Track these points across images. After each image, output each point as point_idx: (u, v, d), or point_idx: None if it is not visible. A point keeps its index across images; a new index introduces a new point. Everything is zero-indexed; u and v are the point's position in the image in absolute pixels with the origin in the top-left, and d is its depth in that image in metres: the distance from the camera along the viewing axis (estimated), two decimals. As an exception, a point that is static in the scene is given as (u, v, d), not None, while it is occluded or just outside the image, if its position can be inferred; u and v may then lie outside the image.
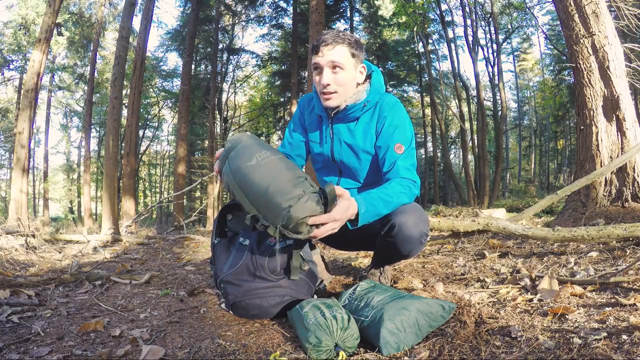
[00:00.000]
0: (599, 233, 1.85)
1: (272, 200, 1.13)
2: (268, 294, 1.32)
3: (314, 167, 1.74)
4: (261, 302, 1.32)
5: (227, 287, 1.37)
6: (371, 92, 1.50)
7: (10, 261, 2.29)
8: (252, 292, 1.32)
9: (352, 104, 1.48)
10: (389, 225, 1.37)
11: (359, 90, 1.50)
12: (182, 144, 11.47)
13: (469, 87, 17.28)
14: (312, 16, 7.36)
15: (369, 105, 1.50)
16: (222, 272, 1.41)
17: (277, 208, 1.12)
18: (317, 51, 1.41)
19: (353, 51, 1.42)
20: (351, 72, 1.44)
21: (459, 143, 22.22)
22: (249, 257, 1.36)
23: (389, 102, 1.50)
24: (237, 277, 1.36)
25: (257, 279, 1.33)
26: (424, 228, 1.38)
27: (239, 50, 16.54)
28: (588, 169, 3.17)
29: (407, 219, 1.35)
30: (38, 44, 6.78)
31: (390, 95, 1.54)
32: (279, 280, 1.34)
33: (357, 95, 1.49)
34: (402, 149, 1.44)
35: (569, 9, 3.25)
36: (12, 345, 1.08)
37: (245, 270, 1.35)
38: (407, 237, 1.35)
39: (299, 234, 1.12)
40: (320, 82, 1.43)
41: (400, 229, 1.34)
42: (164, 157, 26.78)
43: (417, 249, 1.41)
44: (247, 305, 1.33)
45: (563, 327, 1.04)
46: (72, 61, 16.22)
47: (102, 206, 9.42)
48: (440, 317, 1.15)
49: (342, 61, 1.40)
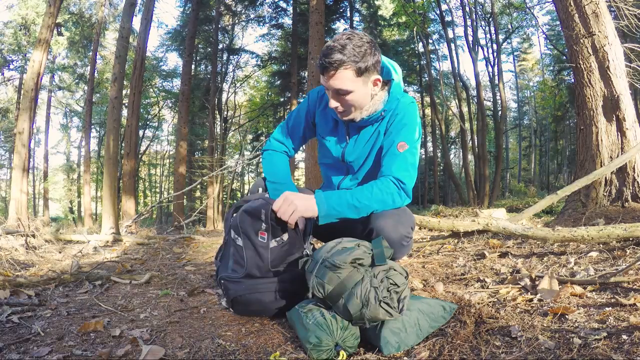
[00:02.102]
0: (599, 233, 1.85)
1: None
2: (268, 289, 1.33)
3: (322, 160, 1.70)
4: (261, 297, 1.33)
5: (227, 284, 1.38)
6: (389, 102, 1.44)
7: (10, 261, 2.28)
8: (252, 287, 1.33)
9: (368, 116, 1.44)
10: (368, 229, 1.36)
11: (375, 102, 1.42)
12: (183, 144, 11.48)
13: (469, 87, 17.28)
14: (312, 16, 7.36)
15: (386, 114, 1.46)
16: (225, 269, 1.43)
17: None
18: (321, 72, 1.35)
19: (360, 66, 1.29)
20: (360, 90, 1.35)
21: (459, 143, 22.23)
22: (249, 254, 1.36)
23: (404, 102, 1.46)
24: (238, 274, 1.36)
25: (257, 277, 1.34)
26: (404, 231, 1.35)
27: (239, 50, 16.56)
28: (588, 169, 3.17)
29: (385, 223, 1.33)
30: (38, 44, 6.79)
31: (407, 96, 1.49)
32: (278, 276, 1.35)
33: (373, 107, 1.43)
34: (405, 147, 1.41)
35: (569, 9, 3.26)
36: (12, 345, 1.08)
37: (245, 267, 1.35)
38: (387, 241, 1.30)
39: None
40: (330, 102, 1.40)
41: (379, 234, 1.32)
42: (164, 157, 26.79)
43: (400, 250, 1.39)
44: (247, 300, 1.34)
45: (563, 327, 1.04)
46: (72, 61, 16.22)
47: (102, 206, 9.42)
48: (441, 318, 1.15)
49: (346, 87, 1.32)
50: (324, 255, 1.18)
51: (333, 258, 1.14)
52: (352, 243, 1.20)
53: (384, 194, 1.35)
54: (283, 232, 1.36)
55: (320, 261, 1.17)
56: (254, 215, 1.35)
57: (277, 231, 1.35)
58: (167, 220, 18.19)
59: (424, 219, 2.33)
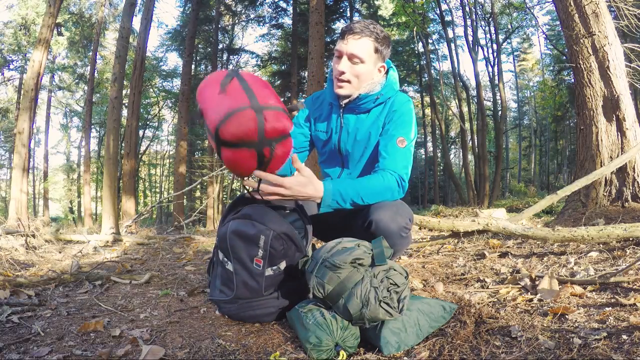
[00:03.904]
0: (599, 233, 1.85)
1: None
2: (262, 306, 1.29)
3: (319, 159, 1.73)
4: (254, 313, 1.29)
5: (219, 304, 1.36)
6: (385, 87, 1.49)
7: (10, 261, 2.28)
8: (245, 306, 1.29)
9: (365, 94, 1.48)
10: (367, 222, 1.37)
11: (374, 82, 1.48)
12: (183, 144, 11.48)
13: (469, 87, 17.28)
14: (312, 16, 7.36)
15: (382, 99, 1.49)
16: (213, 289, 1.39)
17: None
18: (342, 37, 1.40)
19: (378, 46, 1.41)
20: (370, 66, 1.43)
21: (459, 143, 22.22)
22: (240, 281, 1.28)
23: (401, 99, 1.50)
24: (227, 296, 1.31)
25: (249, 297, 1.28)
26: (402, 222, 1.36)
27: (239, 50, 16.55)
28: (588, 169, 3.16)
29: (383, 215, 1.34)
30: (38, 44, 6.78)
31: (403, 94, 1.53)
32: (271, 294, 1.30)
33: (370, 87, 1.48)
34: (404, 144, 1.44)
35: (569, 9, 3.25)
36: (12, 345, 1.08)
37: (234, 290, 1.29)
38: (386, 232, 1.33)
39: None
40: (337, 67, 1.43)
41: (377, 225, 1.34)
42: (164, 157, 26.79)
43: (400, 243, 1.39)
44: (241, 317, 1.31)
45: (563, 327, 1.04)
46: (72, 61, 16.22)
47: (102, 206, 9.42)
48: (441, 318, 1.15)
49: (363, 55, 1.40)
50: (324, 255, 1.18)
51: (333, 258, 1.14)
52: (352, 243, 1.20)
53: (386, 191, 1.38)
54: (279, 262, 1.27)
55: (320, 261, 1.17)
56: (250, 241, 1.25)
57: (274, 259, 1.26)
58: (167, 220, 18.19)
59: (424, 219, 2.33)
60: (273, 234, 1.24)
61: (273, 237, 1.24)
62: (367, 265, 1.14)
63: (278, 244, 1.25)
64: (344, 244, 1.20)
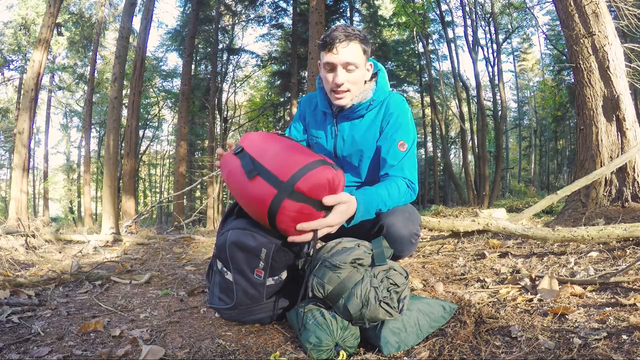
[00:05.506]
0: (599, 233, 1.85)
1: None
2: (262, 310, 1.29)
3: None
4: (255, 317, 1.29)
5: (219, 310, 1.36)
6: (377, 91, 1.49)
7: (10, 261, 2.28)
8: (245, 312, 1.29)
9: (358, 103, 1.47)
10: (378, 226, 1.36)
11: (365, 88, 1.48)
12: (183, 144, 11.47)
13: (469, 87, 17.26)
14: (312, 16, 7.36)
15: (375, 104, 1.48)
16: (211, 296, 1.38)
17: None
18: (330, 48, 1.36)
19: (365, 47, 1.40)
20: (362, 69, 1.42)
21: (459, 143, 22.21)
22: (241, 290, 1.26)
23: (396, 101, 1.49)
24: (226, 304, 1.30)
25: (249, 304, 1.28)
26: (413, 228, 1.36)
27: (239, 50, 16.53)
28: (588, 169, 3.17)
29: (396, 220, 1.33)
30: (38, 44, 6.78)
31: (397, 94, 1.52)
32: (271, 297, 1.29)
33: (363, 94, 1.47)
34: (405, 147, 1.43)
35: (569, 9, 3.26)
36: (12, 345, 1.08)
37: (234, 299, 1.28)
38: (397, 237, 1.32)
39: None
40: (334, 80, 1.39)
41: (389, 230, 1.33)
42: (164, 157, 26.78)
43: (408, 249, 1.39)
44: (242, 321, 1.31)
45: (563, 327, 1.04)
46: (72, 61, 16.21)
47: (102, 206, 9.42)
48: (441, 318, 1.15)
49: (356, 60, 1.38)
50: (324, 256, 1.17)
51: (333, 258, 1.14)
52: (352, 243, 1.20)
53: (402, 197, 1.38)
54: (281, 272, 1.27)
55: (320, 261, 1.17)
56: (251, 253, 1.22)
57: (275, 270, 1.25)
58: (167, 220, 18.19)
59: (424, 219, 2.33)
60: (275, 247, 1.21)
61: (275, 251, 1.21)
62: (367, 265, 1.14)
63: (279, 256, 1.23)
64: (344, 244, 1.20)
